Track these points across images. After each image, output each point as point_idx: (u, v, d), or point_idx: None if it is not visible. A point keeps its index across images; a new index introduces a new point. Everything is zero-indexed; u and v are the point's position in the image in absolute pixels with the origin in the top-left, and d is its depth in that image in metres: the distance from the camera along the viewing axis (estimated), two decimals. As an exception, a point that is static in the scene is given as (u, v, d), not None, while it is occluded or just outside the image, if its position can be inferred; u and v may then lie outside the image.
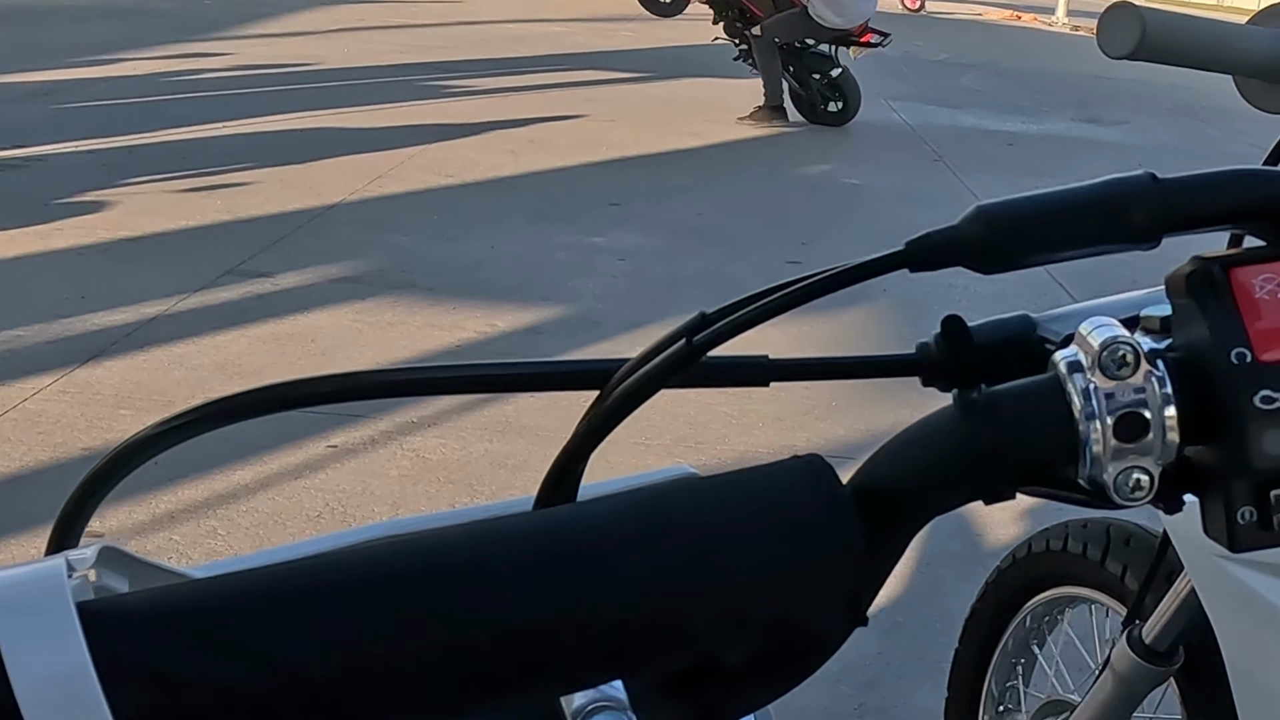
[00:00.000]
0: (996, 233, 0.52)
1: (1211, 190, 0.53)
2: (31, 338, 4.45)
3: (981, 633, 2.14)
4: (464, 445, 3.77)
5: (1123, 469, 0.48)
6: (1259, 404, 0.48)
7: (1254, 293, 0.50)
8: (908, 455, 0.50)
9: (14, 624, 0.38)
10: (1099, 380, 0.48)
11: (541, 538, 0.44)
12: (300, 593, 0.42)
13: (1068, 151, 10.67)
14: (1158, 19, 0.94)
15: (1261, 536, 0.50)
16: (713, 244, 6.50)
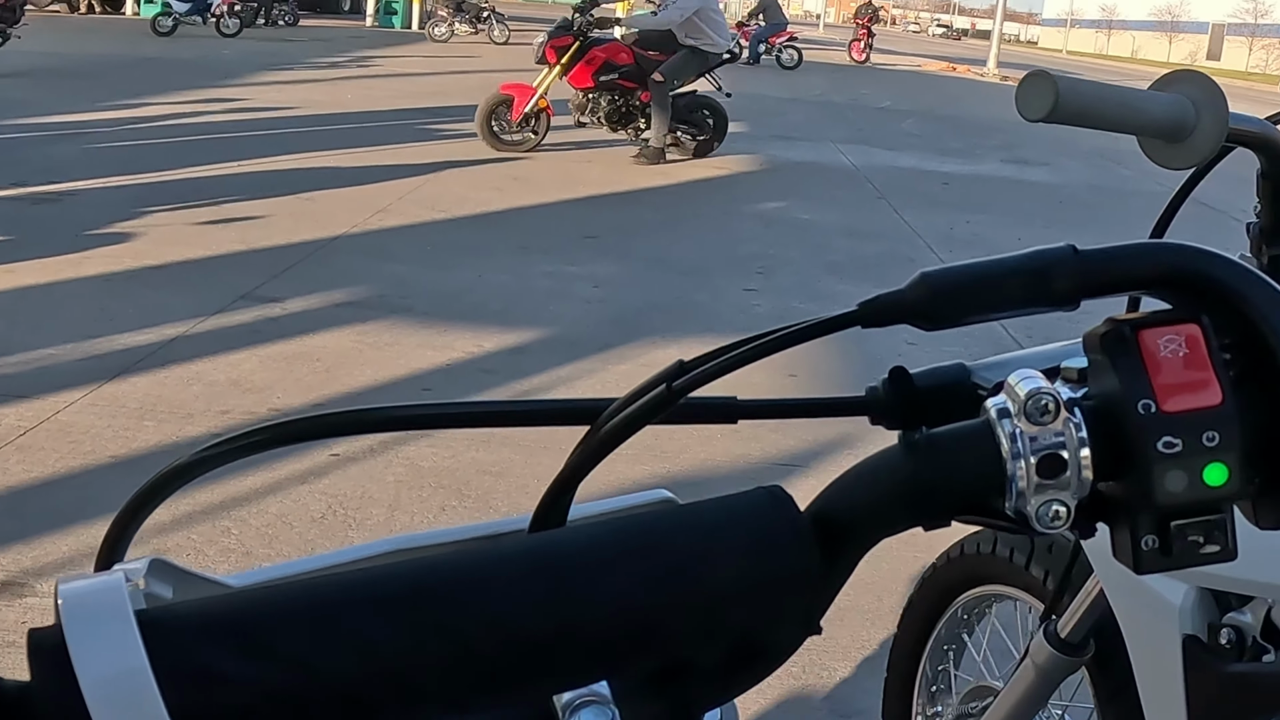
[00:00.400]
0: (937, 296, 0.52)
1: (1123, 261, 0.53)
2: (63, 355, 4.42)
3: (917, 621, 2.13)
4: (453, 454, 3.74)
5: (1044, 501, 0.49)
6: (1161, 448, 0.49)
7: (1159, 351, 0.50)
8: (858, 488, 0.51)
9: (81, 630, 0.39)
10: (1024, 425, 0.49)
11: (539, 557, 0.46)
12: (330, 604, 0.43)
13: (997, 190, 10.70)
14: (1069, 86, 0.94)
15: (1162, 561, 0.51)
16: (678, 273, 6.47)
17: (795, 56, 25.42)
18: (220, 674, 0.40)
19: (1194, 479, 0.49)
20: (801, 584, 0.48)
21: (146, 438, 3.75)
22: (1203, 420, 0.49)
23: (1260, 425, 0.50)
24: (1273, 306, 0.51)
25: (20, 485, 3.38)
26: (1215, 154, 1.00)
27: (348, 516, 3.31)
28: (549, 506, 0.54)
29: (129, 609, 0.40)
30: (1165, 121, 0.96)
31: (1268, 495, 0.51)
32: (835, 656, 2.87)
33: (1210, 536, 0.50)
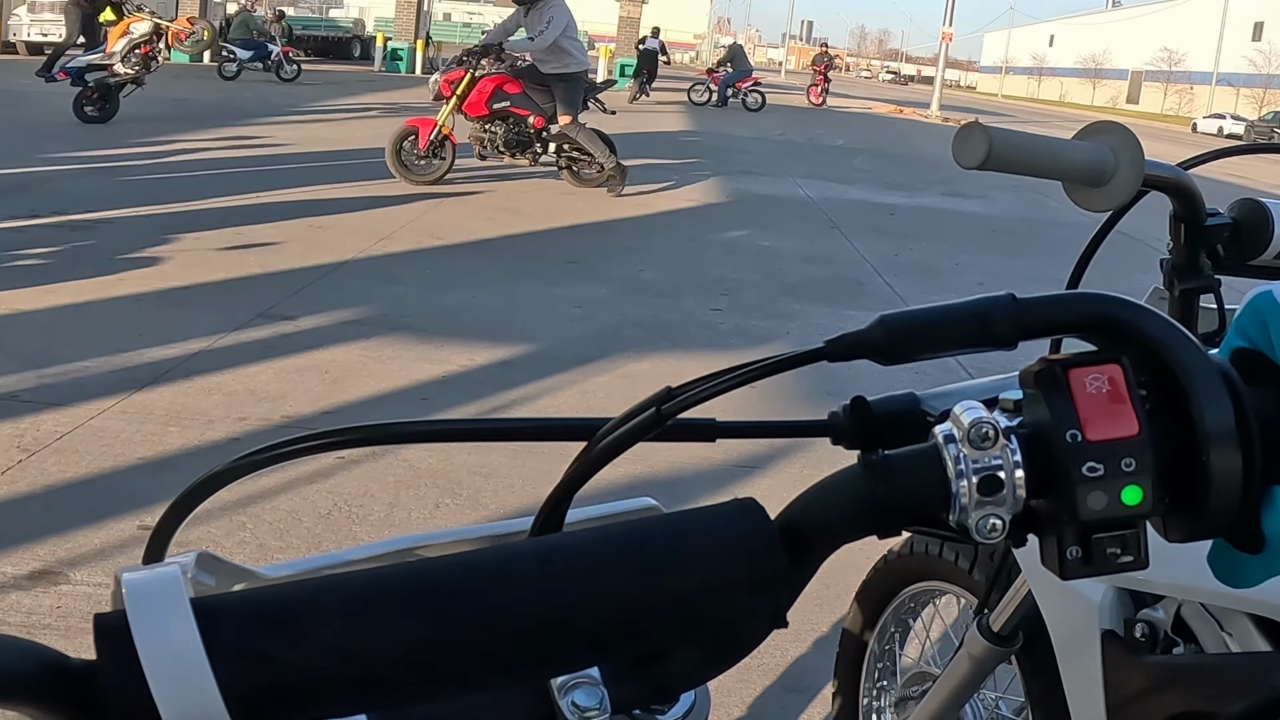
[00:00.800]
0: (893, 337, 0.53)
1: (1056, 308, 0.54)
2: (97, 368, 4.41)
3: (868, 604, 2.13)
4: (447, 457, 3.74)
5: (983, 516, 0.51)
6: (1085, 472, 0.50)
7: (1085, 388, 0.51)
8: (821, 501, 0.52)
9: (143, 615, 0.40)
10: (967, 450, 0.51)
11: (540, 559, 0.47)
12: (362, 596, 0.44)
13: (937, 220, 10.71)
14: (1001, 137, 0.94)
15: (1084, 569, 0.51)
16: (651, 295, 6.46)
17: (759, 100, 25.50)
18: (266, 657, 0.41)
19: (1113, 499, 0.50)
20: (770, 584, 0.49)
21: (172, 442, 3.75)
22: (1121, 448, 0.50)
23: (1170, 453, 0.51)
24: (1183, 351, 0.52)
25: (57, 484, 3.37)
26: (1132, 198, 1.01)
27: (351, 513, 3.31)
28: (549, 512, 0.55)
29: (185, 597, 0.41)
30: (1088, 168, 0.96)
31: (1175, 514, 0.52)
32: (788, 638, 2.87)
33: (1126, 548, 0.51)
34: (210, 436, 3.82)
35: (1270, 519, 0.52)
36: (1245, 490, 0.51)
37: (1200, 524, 0.52)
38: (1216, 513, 0.51)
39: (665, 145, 15.40)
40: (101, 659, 0.40)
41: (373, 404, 4.26)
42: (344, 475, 3.54)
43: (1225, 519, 0.51)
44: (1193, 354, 0.51)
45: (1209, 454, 0.50)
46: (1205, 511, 0.51)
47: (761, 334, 5.62)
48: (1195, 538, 0.53)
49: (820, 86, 31.27)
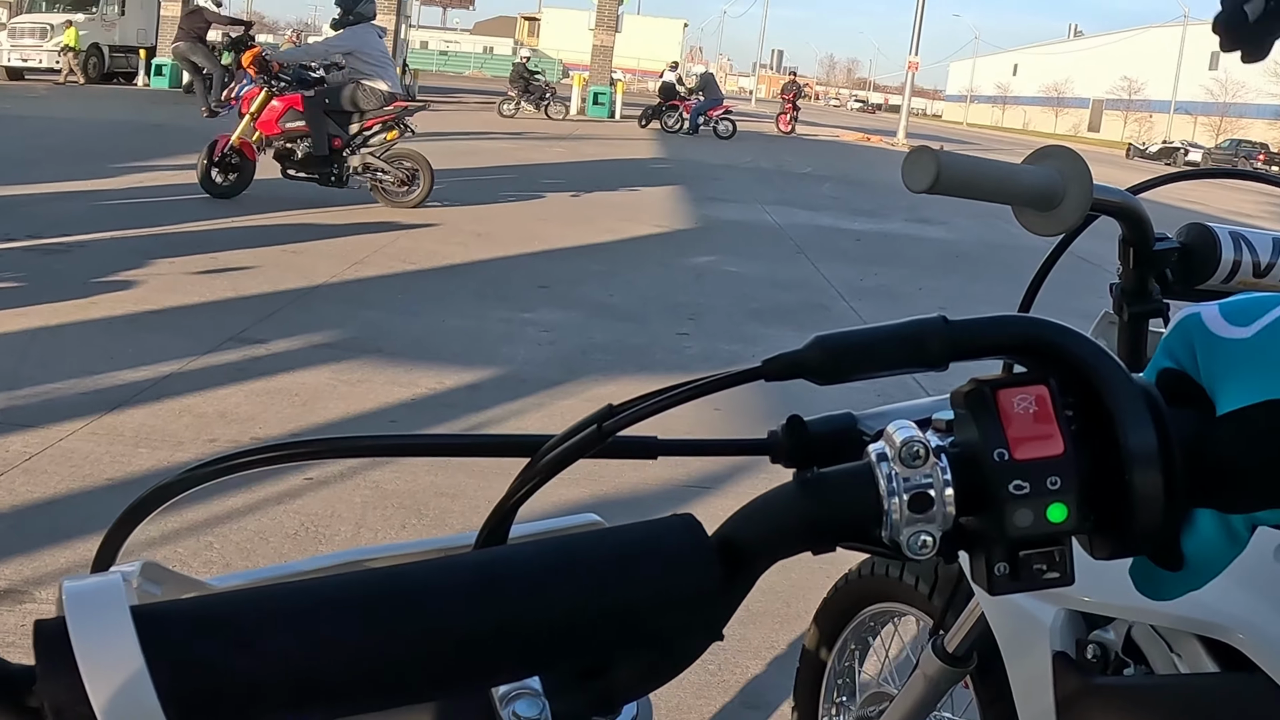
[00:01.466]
0: (828, 356, 0.54)
1: (985, 331, 0.54)
2: (68, 389, 4.38)
3: (828, 625, 2.12)
4: (413, 478, 3.74)
5: (914, 532, 0.51)
6: (1012, 490, 0.50)
7: (1013, 408, 0.51)
8: (757, 517, 0.52)
9: (82, 621, 0.40)
10: (899, 468, 0.51)
11: (483, 570, 0.47)
12: (303, 606, 0.44)
13: (902, 245, 10.77)
14: (950, 161, 0.93)
15: (1012, 585, 0.52)
16: (619, 319, 6.47)
17: (730, 128, 25.61)
18: (204, 663, 0.41)
19: (1039, 516, 0.50)
20: (707, 598, 0.49)
21: (141, 463, 3.73)
22: (1047, 467, 0.50)
23: (1095, 473, 0.51)
24: (1108, 373, 0.52)
25: (25, 504, 3.36)
26: (1081, 222, 1.00)
27: (318, 533, 3.31)
28: (493, 526, 0.55)
29: (125, 604, 0.41)
30: (1036, 192, 0.95)
31: (1101, 532, 0.53)
32: (748, 656, 2.88)
33: (1052, 565, 0.51)
34: (180, 458, 3.80)
35: (1190, 540, 0.53)
36: (1167, 510, 0.51)
37: (1125, 542, 0.53)
38: (1140, 531, 0.52)
39: (636, 172, 15.46)
40: (40, 663, 0.40)
41: (342, 426, 4.25)
42: (311, 496, 3.53)
43: (1149, 538, 0.52)
44: (1117, 376, 0.52)
45: (1132, 474, 0.51)
46: (1129, 530, 0.52)
47: (727, 357, 5.62)
48: (1120, 555, 0.54)
49: (789, 115, 31.42)
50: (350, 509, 3.48)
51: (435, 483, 3.72)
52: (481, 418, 4.50)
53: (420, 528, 3.40)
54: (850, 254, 9.89)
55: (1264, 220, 17.11)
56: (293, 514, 3.40)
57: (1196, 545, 0.53)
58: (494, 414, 4.56)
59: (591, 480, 3.81)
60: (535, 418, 4.53)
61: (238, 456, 0.53)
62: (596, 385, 5.04)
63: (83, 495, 3.46)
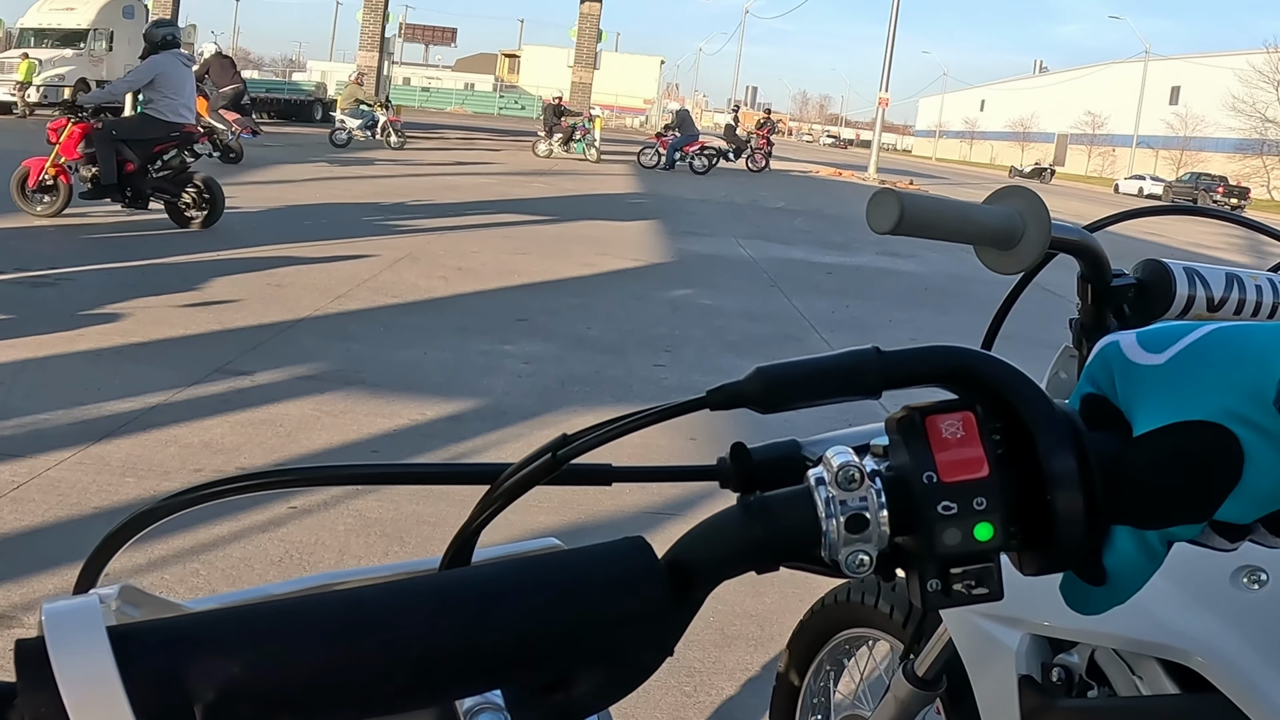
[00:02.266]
0: (769, 387, 0.54)
1: (915, 361, 0.55)
2: (55, 420, 4.38)
3: (803, 648, 2.13)
4: (396, 507, 3.75)
5: (851, 552, 0.52)
6: (941, 510, 0.51)
7: (942, 433, 0.53)
8: (704, 539, 0.53)
9: (60, 640, 0.41)
10: (836, 491, 0.52)
11: (443, 590, 0.48)
12: (273, 625, 0.45)
13: (872, 278, 10.81)
14: (913, 202, 0.92)
15: (943, 600, 0.53)
16: (597, 352, 6.47)
17: (706, 163, 25.70)
18: (178, 680, 0.42)
19: (967, 535, 0.52)
20: (658, 617, 0.50)
21: (127, 492, 3.73)
22: (973, 488, 0.52)
23: (1020, 492, 0.53)
24: (1030, 399, 0.53)
25: (12, 533, 3.35)
26: (1040, 260, 1.00)
27: (302, 560, 3.31)
28: (456, 550, 0.56)
29: (102, 624, 0.41)
30: (996, 231, 0.95)
31: (1027, 549, 0.54)
32: (722, 677, 2.90)
33: (981, 581, 0.53)
34: (166, 486, 3.80)
35: (1110, 556, 0.54)
36: (1088, 528, 0.53)
37: (1049, 559, 0.54)
38: (1063, 549, 0.53)
39: (614, 207, 15.50)
40: (21, 680, 0.41)
41: (325, 456, 4.25)
42: (296, 524, 3.54)
43: (1072, 555, 0.53)
44: (1039, 402, 0.53)
45: (1053, 494, 0.52)
46: (1053, 548, 0.53)
47: (703, 388, 5.60)
48: (1046, 571, 0.55)
49: (764, 150, 31.52)
50: (334, 537, 3.49)
51: (417, 511, 3.72)
52: (462, 448, 4.51)
53: (402, 554, 3.41)
54: (822, 287, 9.92)
55: (1221, 251, 17.29)
56: (277, 541, 3.41)
57: (1117, 561, 0.54)
58: (475, 444, 4.57)
59: (568, 508, 3.84)
60: (515, 448, 4.52)
61: (213, 485, 0.54)
62: (575, 416, 5.04)
63: (70, 524, 3.45)
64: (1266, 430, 0.51)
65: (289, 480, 0.55)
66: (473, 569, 0.51)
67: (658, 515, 3.85)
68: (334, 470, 0.56)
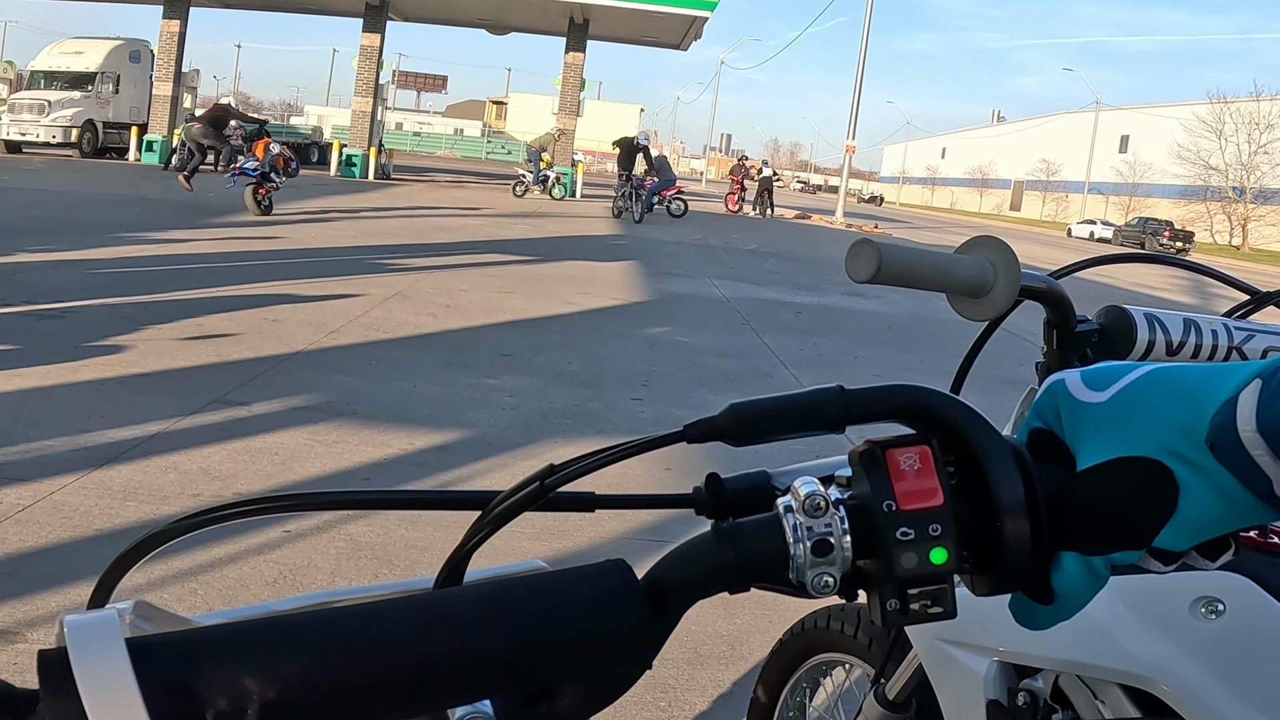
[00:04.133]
0: (741, 422, 0.56)
1: (876, 399, 0.56)
2: (60, 446, 4.37)
3: (779, 670, 2.12)
4: (386, 532, 3.75)
5: (816, 574, 0.53)
6: (899, 536, 0.53)
7: (900, 465, 0.54)
8: (680, 562, 0.54)
9: (82, 651, 0.42)
10: (803, 519, 0.54)
11: (437, 608, 0.49)
12: (279, 639, 0.45)
13: (839, 318, 10.83)
14: (890, 253, 0.92)
15: (901, 618, 0.54)
16: (579, 386, 6.47)
17: (682, 207, 25.69)
18: (191, 689, 0.43)
19: (922, 559, 0.53)
20: (637, 633, 0.51)
21: (128, 515, 3.72)
22: (929, 516, 0.53)
23: (972, 520, 0.55)
24: (982, 433, 0.55)
25: (17, 553, 3.35)
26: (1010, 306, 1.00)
27: (295, 580, 3.31)
28: (448, 572, 0.57)
29: (120, 636, 0.42)
30: (969, 281, 0.95)
31: (979, 572, 0.56)
32: (695, 693, 2.90)
33: (936, 601, 0.54)
34: (165, 511, 3.79)
35: (1058, 578, 0.56)
36: (1035, 553, 0.54)
37: (999, 581, 0.55)
38: (1012, 571, 0.55)
39: (593, 248, 15.52)
40: (44, 687, 0.41)
41: (318, 483, 4.25)
42: (290, 547, 3.54)
43: (1019, 577, 0.55)
44: (990, 436, 0.55)
45: (1002, 521, 0.54)
46: (1002, 570, 0.55)
47: (678, 421, 5.53)
48: (996, 592, 0.56)
49: (737, 195, 31.67)
50: (326, 560, 3.49)
51: (406, 536, 3.73)
52: (449, 476, 4.51)
53: (391, 576, 3.40)
54: (791, 325, 9.94)
55: (1166, 292, 17.41)
56: (272, 564, 3.41)
57: (1063, 582, 0.56)
58: (461, 473, 4.56)
59: (552, 533, 3.85)
60: (500, 476, 4.54)
61: (219, 509, 0.55)
62: (557, 446, 5.05)
63: (73, 545, 3.44)
64: (1199, 466, 0.53)
65: (289, 505, 0.56)
66: (465, 588, 0.53)
67: (634, 540, 3.87)
68: (333, 496, 0.57)
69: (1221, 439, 0.52)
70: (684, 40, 31.51)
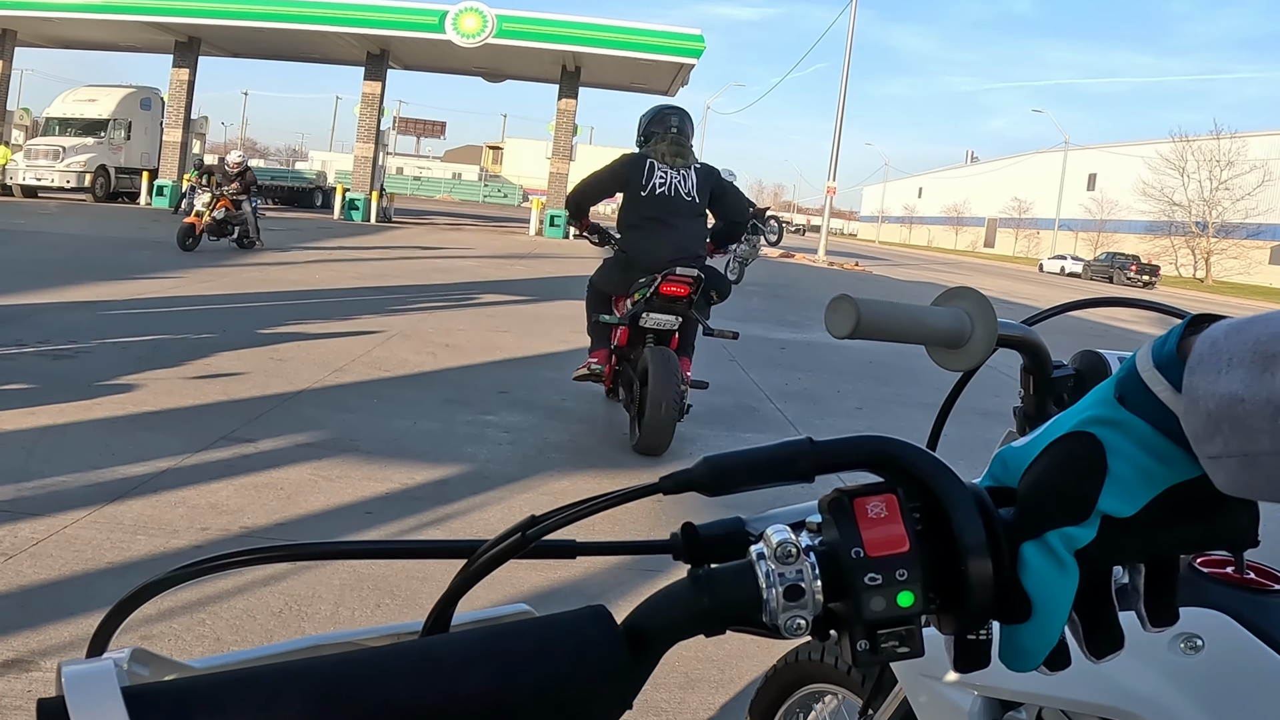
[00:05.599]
0: (714, 474, 0.57)
1: (844, 450, 0.57)
2: (72, 482, 4.36)
3: (774, 692, 2.10)
4: (389, 563, 3.73)
5: (789, 617, 0.54)
6: (867, 581, 0.53)
7: (868, 513, 0.55)
8: (658, 608, 0.55)
9: (80, 700, 0.42)
10: (775, 565, 0.54)
11: (425, 655, 0.49)
12: (271, 687, 0.46)
13: (822, 353, 10.83)
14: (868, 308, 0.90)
15: (871, 658, 0.54)
16: (572, 421, 6.46)
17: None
18: None
19: (890, 602, 0.54)
20: (617, 676, 0.52)
21: (139, 549, 3.72)
22: (895, 562, 0.54)
23: (938, 562, 0.55)
24: (945, 482, 0.56)
25: (31, 585, 3.34)
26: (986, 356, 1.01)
27: (301, 611, 3.30)
28: (437, 616, 0.57)
29: (116, 685, 0.42)
30: (947, 332, 0.94)
31: (946, 612, 0.56)
32: (687, 716, 2.90)
33: (904, 641, 0.54)
34: (175, 544, 3.79)
35: (1027, 577, 0.56)
36: (997, 590, 0.55)
37: (965, 619, 0.56)
38: (976, 609, 0.55)
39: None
40: None
41: (322, 517, 4.24)
42: (294, 578, 3.53)
43: (983, 614, 0.56)
44: (953, 484, 0.56)
45: (966, 563, 0.55)
46: (967, 608, 0.55)
47: (667, 455, 5.63)
48: (962, 631, 0.57)
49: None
50: (330, 590, 3.48)
51: (408, 567, 3.72)
52: (449, 510, 4.50)
53: (393, 607, 3.40)
54: (776, 361, 9.93)
55: (1136, 324, 17.47)
56: (277, 594, 3.40)
57: (1033, 580, 0.56)
58: (460, 506, 4.55)
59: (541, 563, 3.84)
60: (498, 510, 4.53)
61: (214, 560, 0.55)
62: (552, 480, 5.05)
63: (84, 577, 3.44)
64: (1116, 421, 0.56)
65: (282, 555, 0.57)
66: (451, 635, 0.53)
67: (618, 568, 3.87)
68: (325, 546, 0.57)
69: (1127, 388, 0.56)
70: (671, 86, 31.72)
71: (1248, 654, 1.01)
